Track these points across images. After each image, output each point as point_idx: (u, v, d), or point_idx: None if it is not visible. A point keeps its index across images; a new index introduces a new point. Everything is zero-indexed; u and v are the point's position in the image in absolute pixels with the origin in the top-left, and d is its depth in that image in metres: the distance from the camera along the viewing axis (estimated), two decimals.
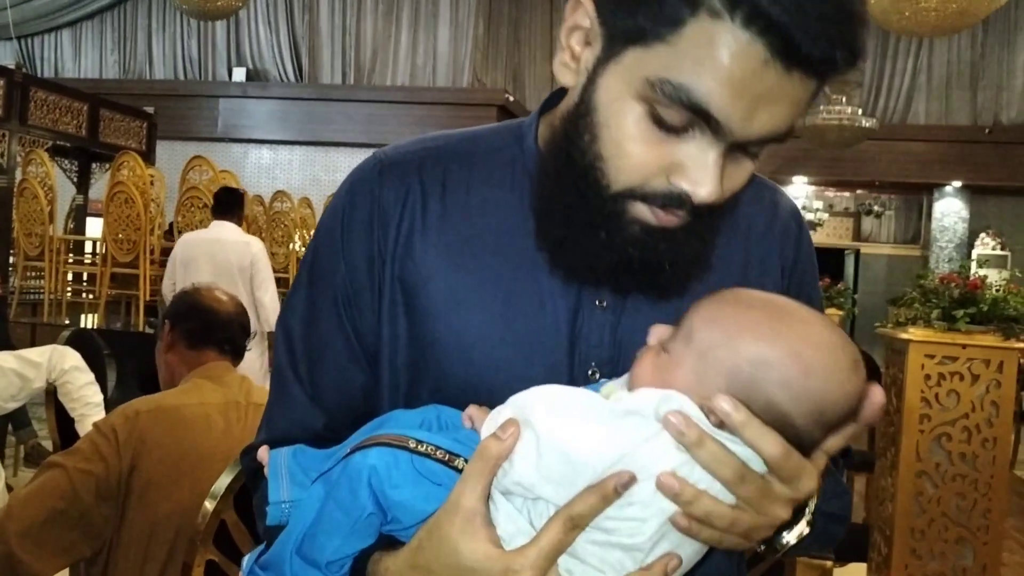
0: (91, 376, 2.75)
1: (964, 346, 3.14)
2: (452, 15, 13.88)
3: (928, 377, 3.17)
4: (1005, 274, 8.80)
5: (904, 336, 3.22)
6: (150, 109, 10.14)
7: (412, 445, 0.72)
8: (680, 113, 0.69)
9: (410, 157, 0.88)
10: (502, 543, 0.69)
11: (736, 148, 0.72)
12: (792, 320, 0.71)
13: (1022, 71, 12.80)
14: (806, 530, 0.76)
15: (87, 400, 2.71)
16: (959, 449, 3.17)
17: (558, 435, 0.67)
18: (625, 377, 0.76)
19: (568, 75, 0.77)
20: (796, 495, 0.70)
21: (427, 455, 0.72)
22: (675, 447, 0.66)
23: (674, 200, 0.73)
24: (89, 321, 7.21)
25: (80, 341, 3.20)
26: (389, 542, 0.74)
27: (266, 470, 0.81)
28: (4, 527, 1.64)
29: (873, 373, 4.84)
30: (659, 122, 0.71)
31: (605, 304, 0.84)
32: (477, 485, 0.69)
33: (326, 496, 0.73)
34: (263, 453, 0.83)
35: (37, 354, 2.67)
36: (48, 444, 4.46)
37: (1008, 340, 3.12)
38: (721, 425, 0.67)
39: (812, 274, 0.97)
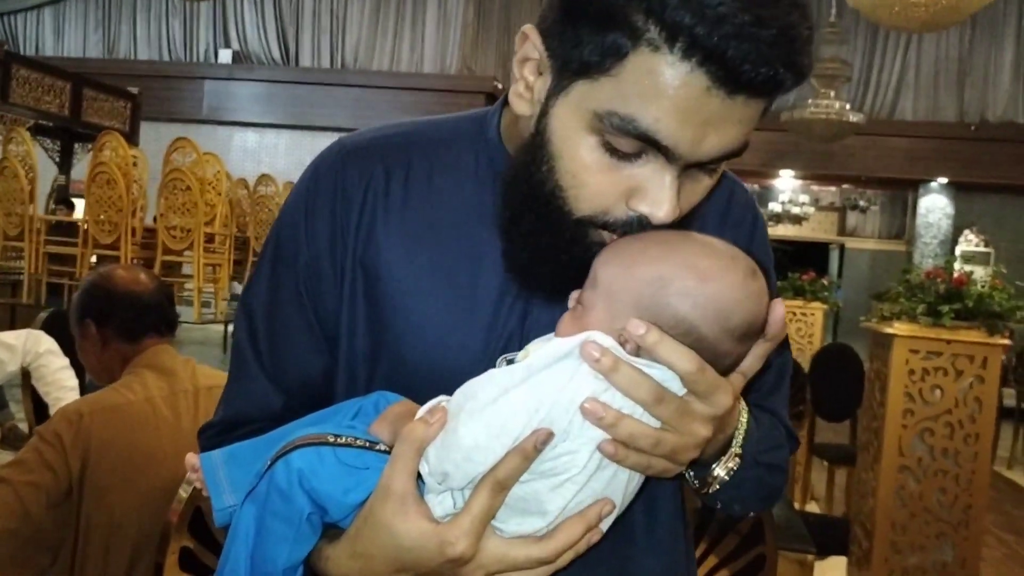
0: (66, 360, 2.72)
1: (948, 341, 3.14)
2: (441, 1, 13.80)
3: (912, 372, 3.17)
4: (988, 271, 8.83)
5: (889, 331, 3.21)
6: (134, 89, 10.04)
7: (331, 440, 0.74)
8: (630, 142, 0.71)
9: (373, 143, 0.89)
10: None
11: (692, 167, 0.73)
12: (682, 240, 0.74)
13: (1009, 68, 12.84)
14: (736, 463, 0.80)
15: (61, 384, 2.68)
16: (941, 444, 3.18)
17: (477, 418, 0.70)
18: (547, 337, 0.79)
19: (523, 105, 0.78)
20: (715, 411, 0.72)
21: (347, 444, 0.74)
22: (594, 377, 0.68)
23: (634, 226, 0.74)
24: (69, 303, 7.14)
25: (56, 323, 3.16)
26: (332, 530, 0.76)
27: (200, 476, 0.81)
28: None
29: (855, 366, 4.84)
30: (612, 151, 0.72)
31: None
32: (404, 467, 0.71)
33: (260, 513, 0.74)
34: (192, 459, 0.82)
35: (12, 337, 2.64)
36: (25, 427, 4.41)
37: (992, 336, 3.12)
38: (637, 353, 0.70)
39: (767, 261, 0.98)
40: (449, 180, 0.87)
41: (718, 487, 0.83)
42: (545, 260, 0.79)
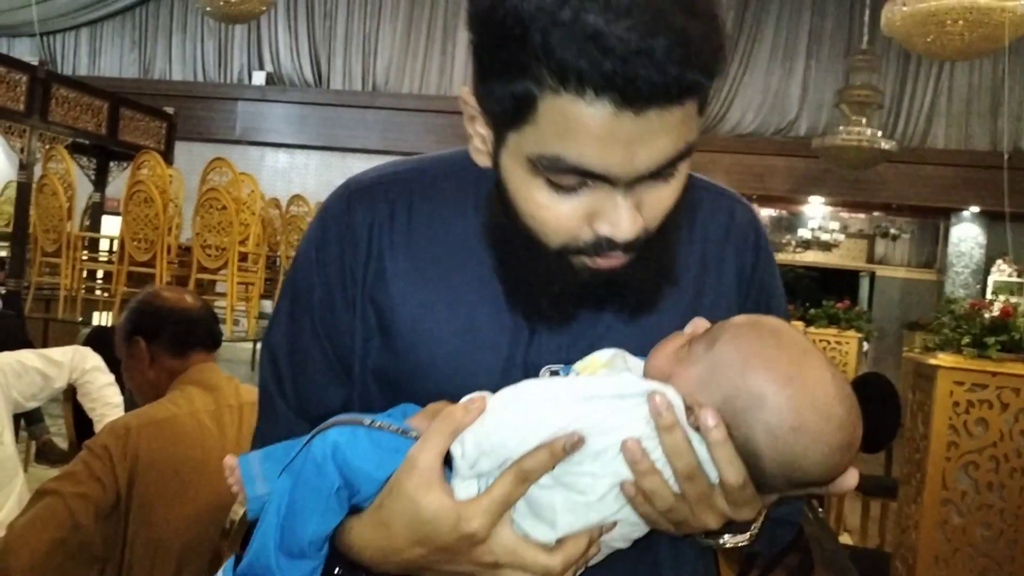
0: (111, 377, 2.74)
1: (994, 374, 3.09)
2: None
3: (956, 404, 3.12)
4: (1021, 301, 8.72)
5: (933, 362, 3.17)
6: (170, 110, 10.16)
7: (367, 423, 0.78)
8: (569, 177, 0.72)
9: (376, 183, 0.93)
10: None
11: (642, 180, 0.74)
12: (811, 376, 0.72)
13: None
14: (744, 542, 0.82)
15: (107, 400, 2.70)
16: (986, 478, 3.12)
17: (523, 408, 0.72)
18: (613, 352, 0.80)
19: (483, 158, 0.82)
20: (731, 516, 0.74)
21: (382, 428, 0.77)
22: (647, 423, 0.70)
23: (604, 245, 0.76)
24: (103, 319, 7.20)
25: (99, 340, 3.19)
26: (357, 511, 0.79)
27: (236, 475, 0.83)
28: (6, 563, 1.60)
29: (890, 395, 4.77)
30: (558, 187, 0.74)
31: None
32: (435, 445, 0.74)
33: (294, 484, 0.77)
34: (230, 459, 0.85)
35: (59, 354, 2.66)
36: (61, 441, 4.44)
37: None
38: (696, 428, 0.71)
39: (773, 282, 0.98)
40: (451, 211, 0.90)
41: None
42: (540, 292, 0.82)
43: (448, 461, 0.75)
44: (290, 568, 0.76)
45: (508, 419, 0.72)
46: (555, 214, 0.75)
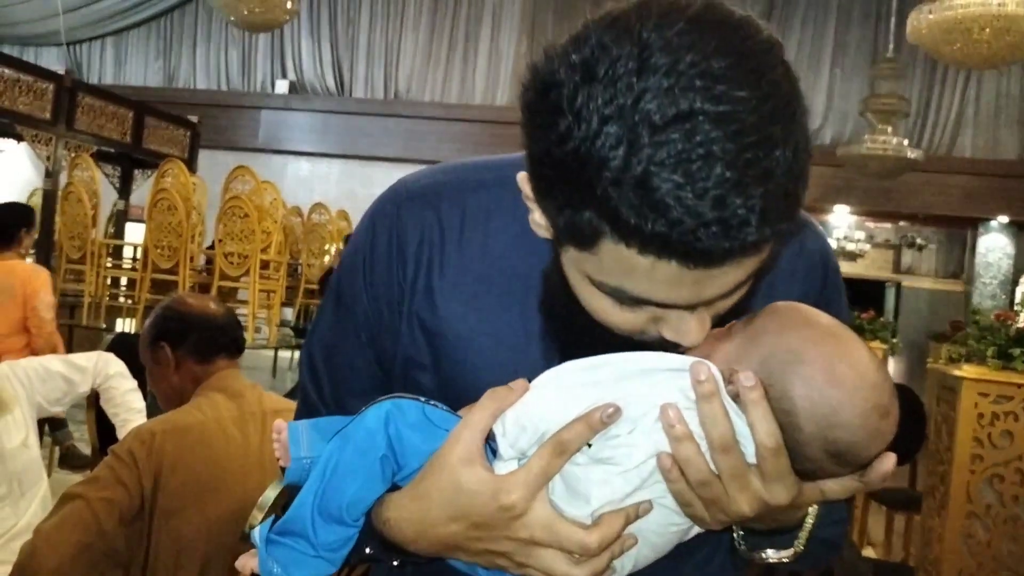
0: (134, 383, 2.76)
1: (1020, 386, 3.05)
2: (492, 34, 13.94)
3: (981, 416, 3.08)
4: None
5: (957, 373, 3.13)
6: (194, 118, 10.26)
7: (422, 400, 0.79)
8: (632, 300, 0.69)
9: (429, 190, 0.90)
10: None
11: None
12: (847, 345, 0.72)
13: None
14: (788, 558, 0.81)
15: (129, 406, 2.72)
16: (1012, 491, 3.08)
17: (562, 385, 0.74)
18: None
19: (543, 231, 0.76)
20: (766, 499, 0.71)
21: (435, 407, 0.79)
22: (685, 395, 0.70)
23: (670, 345, 0.73)
24: (126, 325, 7.27)
25: (122, 346, 3.22)
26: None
27: (283, 438, 0.83)
28: (33, 567, 1.62)
29: (915, 408, 4.72)
30: (620, 303, 0.71)
31: None
32: (479, 422, 0.74)
33: (342, 446, 0.77)
34: (279, 423, 0.84)
35: (84, 359, 2.68)
36: (84, 447, 4.48)
37: None
38: (735, 400, 0.70)
39: (837, 310, 0.90)
40: (504, 224, 0.86)
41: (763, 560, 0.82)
42: (596, 346, 0.77)
43: (493, 449, 0.75)
44: (325, 531, 0.76)
45: (547, 395, 0.74)
46: (618, 319, 0.72)
